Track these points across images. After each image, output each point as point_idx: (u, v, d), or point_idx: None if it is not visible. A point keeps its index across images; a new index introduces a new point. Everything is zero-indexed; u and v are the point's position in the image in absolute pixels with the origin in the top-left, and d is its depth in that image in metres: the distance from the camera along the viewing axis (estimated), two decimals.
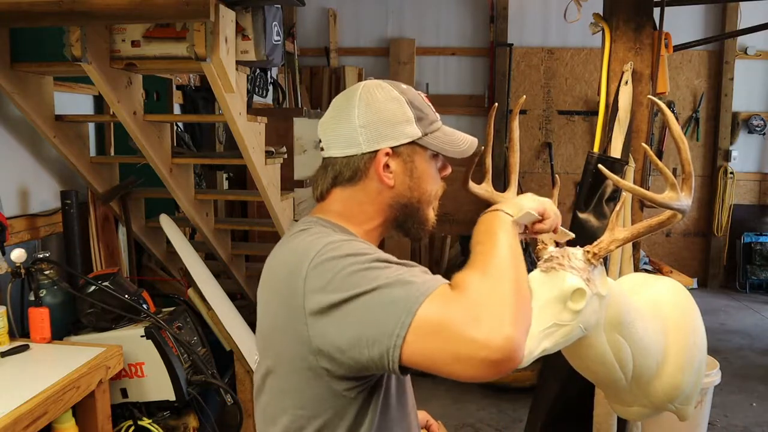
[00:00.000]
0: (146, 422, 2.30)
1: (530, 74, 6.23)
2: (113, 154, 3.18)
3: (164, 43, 2.29)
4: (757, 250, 6.15)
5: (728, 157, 6.16)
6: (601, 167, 1.51)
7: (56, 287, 2.28)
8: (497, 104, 1.57)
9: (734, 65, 6.07)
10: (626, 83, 2.48)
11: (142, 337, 2.24)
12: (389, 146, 1.05)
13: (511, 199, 1.21)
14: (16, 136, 2.59)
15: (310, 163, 4.07)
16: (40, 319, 2.16)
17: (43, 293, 2.23)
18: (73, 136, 2.71)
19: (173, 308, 2.53)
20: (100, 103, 3.09)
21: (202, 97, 4.00)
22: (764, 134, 6.14)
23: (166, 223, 2.91)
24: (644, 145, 1.58)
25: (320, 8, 6.24)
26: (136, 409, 2.30)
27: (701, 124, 6.20)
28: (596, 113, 2.64)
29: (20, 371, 1.96)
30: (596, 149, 2.57)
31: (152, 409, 2.35)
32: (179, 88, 3.89)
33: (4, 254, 2.23)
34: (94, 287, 2.29)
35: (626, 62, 2.50)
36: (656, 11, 2.58)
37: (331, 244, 0.95)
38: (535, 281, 1.33)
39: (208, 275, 2.95)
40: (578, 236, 1.32)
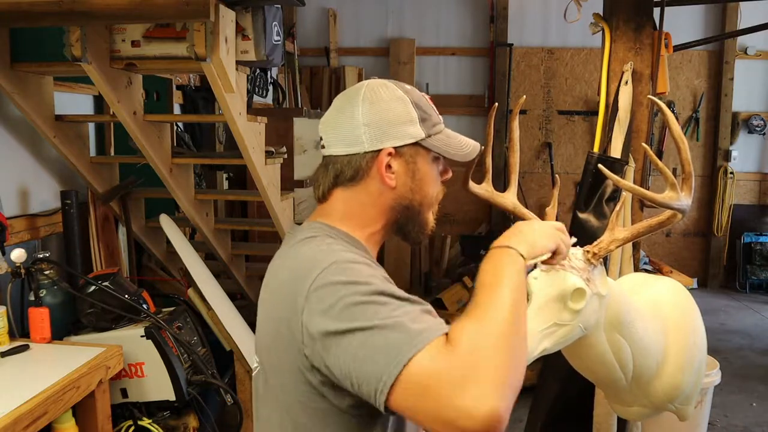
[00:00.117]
0: (146, 422, 2.29)
1: (530, 74, 6.23)
2: (113, 154, 3.18)
3: (164, 43, 2.29)
4: (757, 250, 6.14)
5: (728, 157, 6.16)
6: (601, 167, 1.51)
7: (56, 287, 2.28)
8: (497, 104, 1.56)
9: (734, 65, 6.06)
10: (626, 83, 2.48)
11: (142, 337, 2.24)
12: (392, 146, 1.04)
13: (523, 230, 1.06)
14: (16, 136, 2.60)
15: (310, 163, 4.07)
16: (40, 319, 2.16)
17: (43, 293, 2.23)
18: (73, 136, 2.72)
19: (173, 308, 2.53)
20: (100, 103, 3.09)
21: (202, 97, 4.00)
22: (764, 134, 6.13)
23: (166, 223, 2.91)
24: (644, 145, 1.58)
25: (320, 8, 6.24)
26: (136, 409, 2.30)
27: (701, 124, 6.20)
28: (596, 113, 2.64)
29: (20, 371, 1.96)
30: (596, 149, 2.57)
31: (152, 409, 2.35)
32: (179, 88, 3.89)
33: (4, 254, 2.23)
34: (94, 287, 2.30)
35: (626, 62, 2.50)
36: (656, 11, 2.58)
37: (336, 264, 0.92)
38: (535, 281, 1.33)
39: (208, 275, 2.95)
40: (578, 236, 1.31)
